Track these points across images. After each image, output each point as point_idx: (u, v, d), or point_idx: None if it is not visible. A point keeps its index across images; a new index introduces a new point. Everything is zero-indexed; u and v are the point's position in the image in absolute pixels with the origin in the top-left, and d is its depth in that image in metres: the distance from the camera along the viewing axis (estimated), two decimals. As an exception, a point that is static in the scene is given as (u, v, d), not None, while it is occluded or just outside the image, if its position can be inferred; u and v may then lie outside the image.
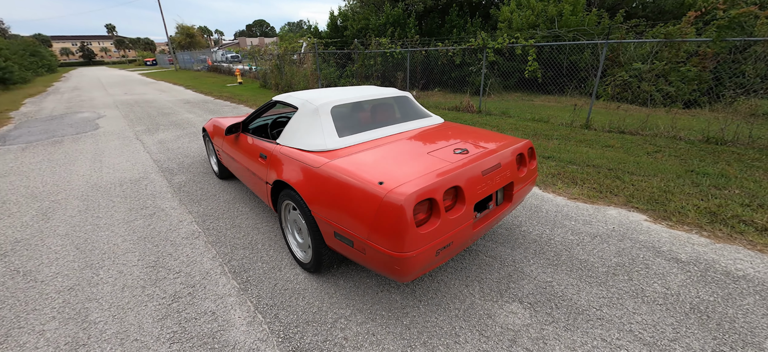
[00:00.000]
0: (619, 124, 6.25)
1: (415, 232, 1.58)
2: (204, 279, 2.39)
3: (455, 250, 1.88)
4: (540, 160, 4.57)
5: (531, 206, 3.34)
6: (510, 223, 3.03)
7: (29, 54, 27.14)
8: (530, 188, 2.49)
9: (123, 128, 7.38)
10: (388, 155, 2.07)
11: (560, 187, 3.76)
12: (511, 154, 2.20)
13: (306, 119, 2.44)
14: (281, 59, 13.58)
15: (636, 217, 3.09)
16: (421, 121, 2.85)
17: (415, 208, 1.61)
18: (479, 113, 8.13)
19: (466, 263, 2.48)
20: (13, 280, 2.45)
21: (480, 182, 1.90)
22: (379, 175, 1.78)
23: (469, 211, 1.82)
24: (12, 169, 4.86)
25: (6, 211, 3.54)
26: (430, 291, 2.19)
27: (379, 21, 15.33)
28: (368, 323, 1.95)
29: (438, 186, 1.68)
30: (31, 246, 2.88)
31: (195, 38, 51.02)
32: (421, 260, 1.65)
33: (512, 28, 12.61)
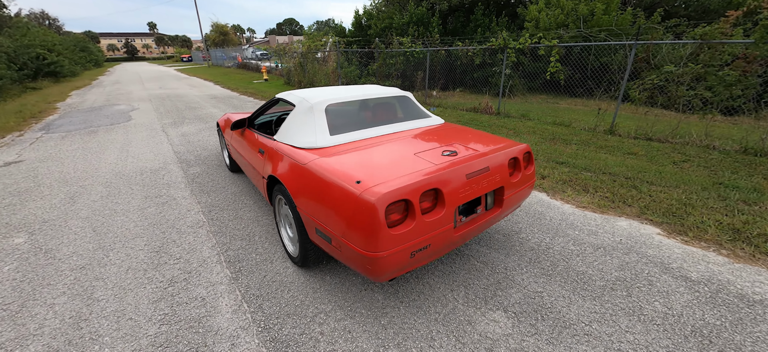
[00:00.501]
0: (647, 131, 5.88)
1: (387, 232, 1.57)
2: (201, 266, 2.51)
3: (435, 253, 1.86)
4: (552, 166, 4.39)
5: (534, 213, 3.22)
6: (508, 229, 2.94)
7: (79, 50, 29.42)
8: (526, 194, 2.41)
9: (152, 121, 7.84)
10: (375, 155, 2.07)
11: (569, 194, 3.59)
12: (504, 158, 2.14)
13: (301, 117, 2.49)
14: (304, 57, 13.87)
15: (648, 230, 2.91)
16: (419, 122, 2.82)
17: (389, 208, 1.61)
18: (497, 115, 7.92)
19: (455, 266, 2.43)
20: (35, 256, 2.68)
21: (464, 186, 1.86)
22: (359, 174, 1.79)
23: (449, 214, 1.79)
24: (51, 155, 5.30)
25: (40, 193, 3.87)
26: (414, 293, 2.18)
27: (403, 20, 15.28)
28: (346, 320, 1.97)
29: (415, 188, 1.66)
30: (55, 226, 3.14)
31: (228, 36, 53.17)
32: (394, 261, 1.64)
33: (539, 27, 12.17)
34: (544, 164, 4.44)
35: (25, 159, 5.13)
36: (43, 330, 1.97)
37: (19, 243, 2.88)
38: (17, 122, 7.77)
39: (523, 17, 13.66)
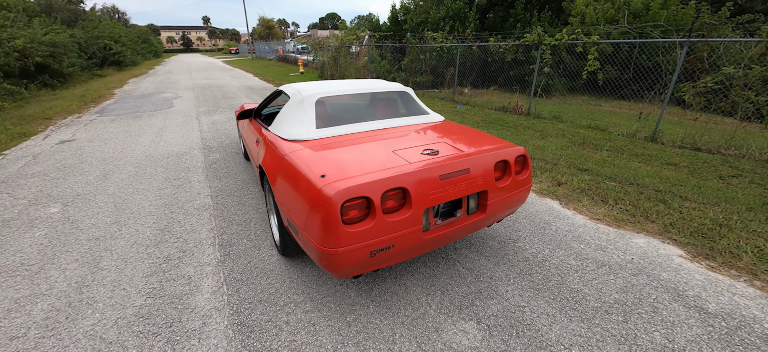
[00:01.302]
0: (696, 140, 5.24)
1: (343, 229, 1.55)
2: (195, 247, 2.65)
3: (401, 255, 1.79)
4: (573, 173, 4.06)
5: (539, 222, 3.00)
6: (505, 235, 2.77)
7: (141, 41, 32.32)
8: (517, 200, 2.24)
9: (190, 108, 8.41)
10: (353, 151, 2.04)
11: (585, 204, 3.31)
12: (489, 160, 2.01)
13: (292, 109, 2.52)
14: (338, 51, 14.09)
15: (668, 250, 2.59)
16: (415, 119, 2.74)
17: (347, 205, 1.57)
18: (526, 116, 7.50)
19: (437, 269, 2.34)
20: (63, 226, 3.00)
21: (437, 187, 1.77)
22: (328, 168, 1.78)
23: (416, 216, 1.72)
24: (98, 136, 5.89)
25: (80, 170, 4.32)
26: (387, 292, 2.13)
27: (439, 14, 14.96)
28: (314, 313, 1.97)
29: (376, 185, 1.61)
30: (86, 200, 3.48)
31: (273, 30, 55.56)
32: (351, 259, 1.61)
33: (585, 23, 11.31)
34: (563, 170, 4.13)
35: (77, 139, 5.75)
36: (52, 291, 2.19)
37: (53, 212, 3.23)
38: (79, 105, 8.73)
39: (569, 12, 12.77)
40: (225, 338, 1.82)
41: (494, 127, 6.36)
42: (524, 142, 5.36)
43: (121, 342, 1.81)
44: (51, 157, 4.82)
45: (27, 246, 2.69)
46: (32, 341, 1.83)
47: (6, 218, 3.12)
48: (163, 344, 1.79)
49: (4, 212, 3.23)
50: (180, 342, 1.80)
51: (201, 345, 1.78)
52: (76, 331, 1.88)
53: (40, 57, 12.00)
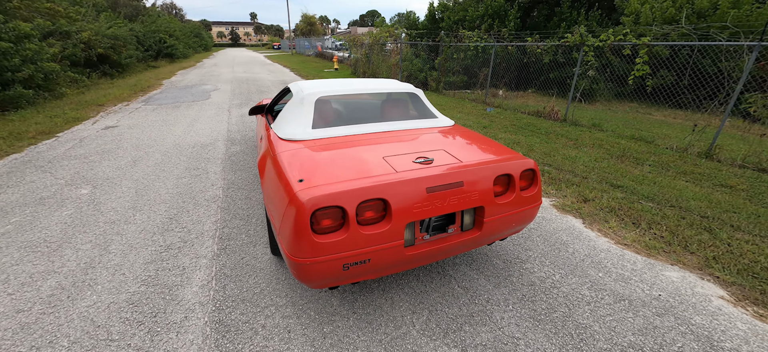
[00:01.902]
0: (762, 159, 4.55)
1: (311, 238, 1.46)
2: (197, 238, 2.71)
3: (379, 270, 1.67)
4: (603, 189, 3.67)
5: (555, 242, 2.73)
6: (513, 254, 2.54)
7: (193, 36, 34.62)
8: (522, 219, 2.02)
9: (224, 101, 8.81)
10: (343, 155, 1.95)
11: (612, 226, 2.96)
12: (489, 173, 1.82)
13: (293, 107, 2.48)
14: (371, 48, 14.09)
15: (707, 289, 2.23)
16: (420, 122, 2.58)
17: (319, 214, 1.48)
18: (562, 122, 6.97)
19: (430, 286, 2.19)
20: (87, 207, 3.21)
21: (423, 200, 1.63)
22: (309, 172, 1.70)
23: (396, 230, 1.58)
24: (138, 123, 6.33)
25: (115, 155, 4.64)
26: (372, 306, 2.02)
27: (477, 12, 14.43)
28: (292, 319, 1.91)
29: (352, 195, 1.50)
30: (113, 184, 3.72)
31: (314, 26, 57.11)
32: (321, 270, 1.52)
33: (639, 23, 10.32)
34: (593, 185, 3.75)
35: (120, 125, 6.22)
36: (63, 269, 2.34)
37: (83, 194, 3.48)
38: (129, 94, 9.48)
39: (622, 10, 11.73)
40: (201, 335, 1.81)
41: (523, 133, 5.98)
42: (554, 151, 4.96)
43: (108, 327, 1.87)
44: (94, 141, 5.25)
45: (53, 224, 2.91)
46: (34, 315, 1.94)
47: (43, 196, 3.41)
48: (143, 334, 1.82)
49: (43, 191, 3.53)
50: (159, 334, 1.82)
51: (178, 339, 1.79)
52: (73, 311, 1.98)
53: (102, 48, 13.22)
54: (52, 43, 10.54)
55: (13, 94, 7.42)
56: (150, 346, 1.76)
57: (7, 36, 7.79)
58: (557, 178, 3.95)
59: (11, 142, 5.09)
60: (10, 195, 3.43)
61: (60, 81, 9.52)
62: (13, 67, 7.66)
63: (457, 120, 6.93)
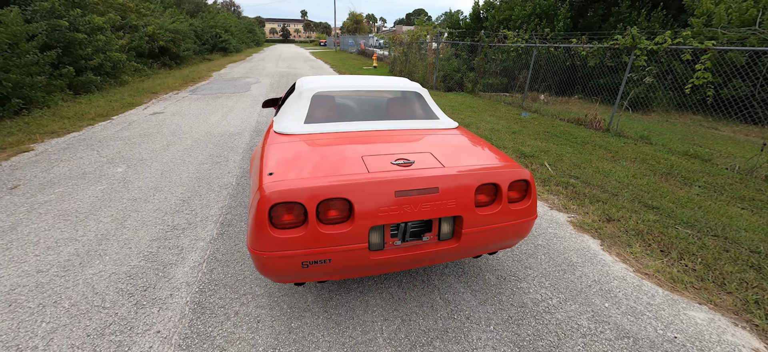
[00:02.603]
0: None
1: (267, 233, 1.45)
2: (201, 221, 2.86)
3: (342, 271, 1.63)
4: (634, 209, 3.28)
5: (562, 262, 2.48)
6: (510, 270, 2.35)
7: (247, 31, 36.89)
8: (511, 234, 1.85)
9: (261, 93, 9.25)
10: (325, 151, 1.92)
11: (634, 251, 2.63)
12: (470, 181, 1.68)
13: (292, 101, 2.51)
14: (409, 47, 13.99)
15: (740, 338, 1.89)
16: (420, 123, 2.48)
17: (278, 208, 1.47)
18: (605, 132, 6.38)
19: (411, 293, 2.10)
20: (118, 183, 3.53)
21: (392, 204, 1.55)
22: (282, 166, 1.70)
23: (359, 232, 1.53)
24: (180, 111, 6.86)
25: (154, 138, 5.07)
26: (345, 307, 1.98)
27: (524, 11, 13.71)
28: (265, 309, 1.94)
29: (312, 192, 1.47)
30: (144, 164, 4.06)
31: (361, 24, 58.03)
32: (279, 266, 1.51)
33: (711, 26, 9.12)
34: (623, 204, 3.36)
35: (165, 112, 6.78)
36: (83, 238, 2.59)
37: (118, 172, 3.84)
38: (180, 84, 10.31)
39: (692, 11, 10.45)
40: (179, 314, 1.90)
41: (555, 141, 5.55)
42: (585, 163, 4.54)
43: (103, 295, 2.03)
44: (140, 125, 5.78)
45: (87, 196, 3.24)
46: (50, 277, 2.17)
47: (85, 171, 3.81)
48: (130, 305, 1.95)
49: (87, 166, 3.95)
50: (144, 308, 1.94)
51: (158, 314, 1.89)
52: (80, 277, 2.17)
53: (163, 41, 14.54)
54: (121, 35, 11.80)
55: (84, 79, 8.42)
56: (133, 317, 1.88)
57: (83, 28, 8.85)
58: (582, 192, 3.61)
59: (74, 121, 5.78)
60: (61, 168, 3.88)
61: (125, 70, 10.64)
62: (86, 56, 8.70)
63: (486, 124, 6.63)
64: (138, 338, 1.75)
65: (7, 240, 2.54)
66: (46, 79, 6.98)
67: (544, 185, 3.84)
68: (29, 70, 6.42)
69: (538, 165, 4.44)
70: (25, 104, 6.18)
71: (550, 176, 4.03)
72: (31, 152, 4.42)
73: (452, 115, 7.31)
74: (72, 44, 8.34)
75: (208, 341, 1.74)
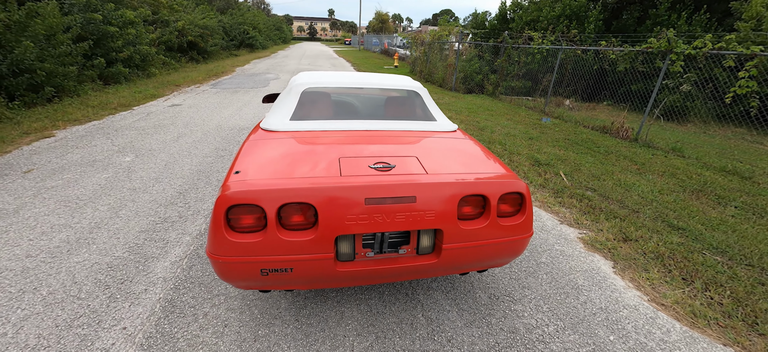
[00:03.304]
0: None
1: (223, 235, 1.35)
2: (193, 215, 2.83)
3: (307, 282, 1.50)
4: (656, 229, 2.96)
5: (565, 284, 2.25)
6: (505, 289, 2.15)
7: (275, 29, 37.72)
8: (501, 252, 1.66)
9: (279, 88, 9.33)
10: (302, 151, 1.81)
11: (651, 277, 2.35)
12: (454, 191, 1.51)
13: (282, 97, 2.42)
14: (430, 47, 13.75)
15: (771, 390, 1.61)
16: (414, 124, 2.32)
17: (237, 210, 1.37)
18: (632, 142, 5.93)
19: (391, 307, 1.95)
20: (123, 172, 3.60)
21: (360, 212, 1.41)
22: (252, 165, 1.60)
23: (323, 241, 1.40)
24: (197, 104, 7.01)
25: (166, 130, 5.17)
26: (318, 317, 1.86)
27: (553, 12, 13.13)
28: (235, 313, 1.85)
29: (272, 195, 1.36)
30: (152, 155, 4.13)
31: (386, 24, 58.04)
32: (236, 271, 1.40)
33: (761, 30, 8.33)
34: (644, 222, 3.05)
35: (183, 104, 6.95)
36: (78, 225, 2.62)
37: (126, 161, 3.92)
38: (203, 77, 10.60)
39: (739, 15, 9.60)
40: (149, 311, 1.85)
41: (575, 149, 5.20)
42: (605, 174, 4.20)
43: (81, 285, 2.01)
44: (157, 116, 5.93)
45: (91, 184, 3.30)
46: (37, 262, 2.19)
47: (95, 159, 3.92)
48: (104, 298, 1.92)
49: (98, 154, 4.06)
50: (117, 302, 1.90)
51: (128, 310, 1.85)
52: (64, 265, 2.18)
53: (192, 36, 15.06)
54: (151, 29, 12.29)
55: (114, 71, 8.82)
56: (104, 310, 1.84)
57: (116, 22, 9.27)
58: (598, 206, 3.31)
59: (97, 111, 6.02)
60: (74, 155, 4.01)
61: (154, 63, 11.08)
62: (116, 48, 9.10)
63: (502, 128, 6.33)
64: (103, 333, 1.71)
65: (7, 223, 2.60)
66: (77, 69, 7.36)
67: (557, 196, 3.56)
68: (63, 61, 6.77)
69: (553, 174, 4.14)
70: (56, 92, 6.52)
71: (564, 187, 3.74)
72: (52, 138, 4.61)
73: (468, 118, 7.05)
74: (104, 37, 8.75)
75: (171, 342, 1.67)
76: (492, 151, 4.94)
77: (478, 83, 11.96)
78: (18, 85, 5.75)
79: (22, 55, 5.80)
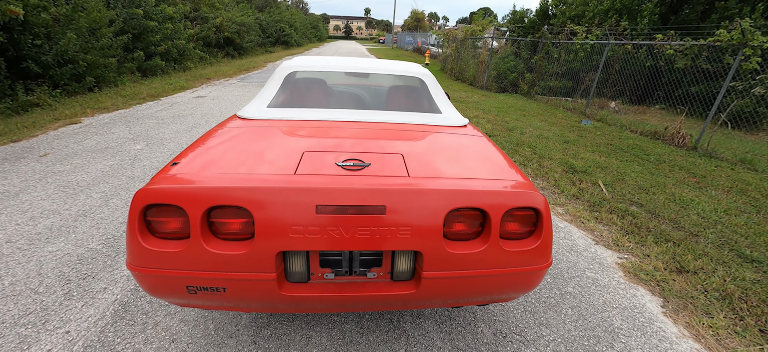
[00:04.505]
0: None
1: (138, 240, 1.09)
2: (180, 208, 2.67)
3: (246, 304, 1.21)
4: (722, 259, 2.36)
5: (597, 324, 1.78)
6: (516, 325, 1.73)
7: (311, 27, 38.50)
8: (505, 286, 1.26)
9: (302, 83, 9.27)
10: (265, 143, 1.52)
11: (717, 324, 1.81)
12: (440, 201, 1.14)
13: (267, 81, 2.17)
14: (462, 44, 13.14)
15: None
16: (414, 116, 1.95)
17: (157, 211, 1.10)
18: (690, 151, 5.10)
19: (370, 337, 1.61)
20: (128, 161, 3.56)
21: (310, 223, 1.09)
22: (199, 156, 1.34)
23: (261, 256, 1.09)
24: (220, 96, 7.07)
25: (184, 120, 5.18)
26: (280, 341, 1.56)
27: (601, 6, 12.03)
28: (188, 326, 1.61)
29: (197, 196, 1.07)
30: (161, 144, 4.10)
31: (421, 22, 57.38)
32: (158, 286, 1.14)
33: None
34: (705, 249, 2.46)
35: (207, 96, 7.04)
36: (66, 212, 2.54)
37: (135, 149, 3.90)
38: (234, 72, 10.84)
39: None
40: (100, 314, 1.66)
41: (618, 156, 4.53)
42: (656, 186, 3.56)
43: (44, 277, 1.88)
44: (179, 106, 6.01)
45: (95, 170, 3.28)
46: (14, 248, 2.11)
47: (108, 146, 3.94)
48: (60, 294, 1.77)
49: (112, 141, 4.10)
50: (71, 299, 1.74)
51: (79, 310, 1.67)
52: (36, 254, 2.08)
53: (229, 33, 15.59)
54: (190, 25, 12.81)
55: (152, 64, 9.22)
56: (55, 308, 1.68)
57: (156, 17, 9.68)
58: (645, 225, 2.74)
59: (127, 100, 6.21)
60: (91, 141, 4.06)
61: (191, 57, 11.52)
62: (155, 42, 9.51)
63: (534, 129, 5.73)
64: (44, 336, 1.53)
65: (3, 205, 2.59)
66: (117, 61, 7.73)
67: (593, 209, 3.02)
68: (104, 53, 7.10)
69: (590, 184, 3.57)
70: (96, 82, 6.84)
71: (602, 199, 3.18)
72: (78, 125, 4.75)
73: (496, 118, 6.50)
74: (145, 31, 9.16)
75: (109, 355, 1.46)
76: (519, 154, 4.41)
77: (511, 82, 11.20)
78: (62, 74, 6.08)
79: (66, 46, 6.12)
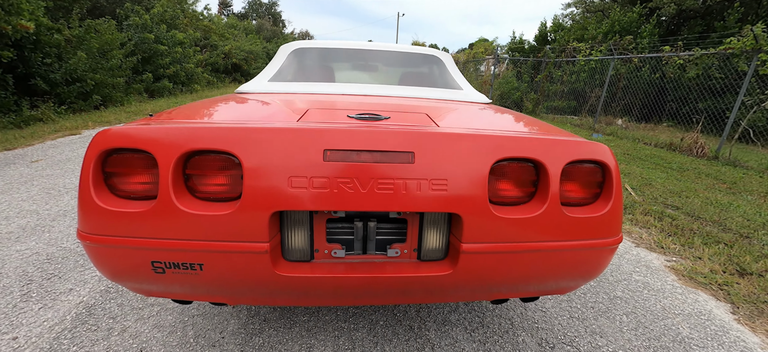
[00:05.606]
0: None
1: (91, 198, 0.83)
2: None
3: (230, 290, 0.92)
4: (787, 261, 2.05)
5: (662, 333, 1.47)
6: (565, 331, 1.42)
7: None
8: (566, 265, 0.97)
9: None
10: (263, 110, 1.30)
11: (804, 332, 1.49)
12: (485, 148, 0.89)
13: (271, 61, 1.99)
14: (464, 67, 13.30)
15: None
16: (435, 91, 1.74)
17: (119, 159, 0.85)
18: (712, 160, 4.85)
19: (385, 347, 1.30)
20: (121, 166, 3.35)
21: (316, 174, 0.83)
22: (179, 113, 1.11)
23: (251, 218, 0.83)
24: (223, 112, 6.99)
25: (184, 131, 5.04)
26: (273, 349, 1.26)
27: (600, 30, 12.19)
28: (161, 334, 1.31)
29: (168, 137, 0.83)
30: (159, 152, 3.90)
31: (421, 53, 59.26)
32: (115, 262, 0.87)
33: None
34: (764, 250, 2.15)
35: (209, 112, 6.95)
36: (45, 213, 2.30)
37: (130, 156, 3.70)
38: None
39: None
40: (59, 318, 1.37)
41: (639, 164, 4.28)
42: (688, 191, 3.28)
43: (6, 277, 1.61)
44: (180, 121, 5.89)
45: (83, 175, 3.06)
46: (-24, 249, 1.85)
47: (101, 153, 3.75)
48: (19, 295, 1.49)
49: (107, 149, 3.91)
50: (30, 301, 1.46)
51: (35, 315, 1.39)
52: (5, 252, 1.82)
53: (236, 59, 15.94)
54: (198, 50, 13.09)
55: (160, 85, 9.27)
56: (9, 311, 1.40)
57: (166, 42, 9.83)
58: (687, 227, 2.45)
59: (131, 116, 6.15)
60: (84, 150, 3.88)
61: (199, 81, 11.64)
62: (164, 65, 9.61)
63: (546, 141, 5.52)
64: (-13, 343, 1.25)
65: (-23, 206, 2.35)
66: (125, 81, 7.73)
67: (626, 212, 2.74)
68: (113, 73, 7.09)
69: (616, 189, 3.30)
70: (103, 101, 6.76)
71: (634, 202, 2.90)
72: (77, 135, 4.63)
73: (505, 132, 6.32)
74: (154, 54, 9.27)
75: (61, 366, 1.16)
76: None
77: (515, 101, 11.16)
78: (70, 92, 6.03)
79: (76, 65, 6.11)
